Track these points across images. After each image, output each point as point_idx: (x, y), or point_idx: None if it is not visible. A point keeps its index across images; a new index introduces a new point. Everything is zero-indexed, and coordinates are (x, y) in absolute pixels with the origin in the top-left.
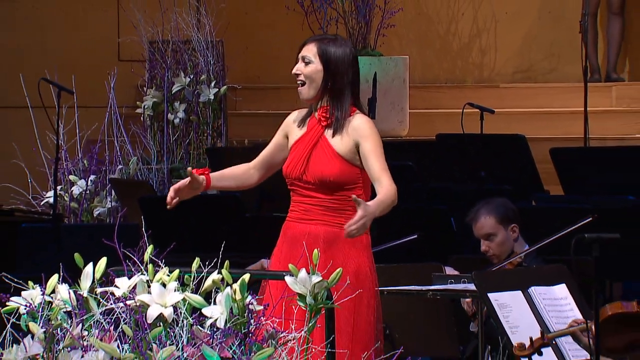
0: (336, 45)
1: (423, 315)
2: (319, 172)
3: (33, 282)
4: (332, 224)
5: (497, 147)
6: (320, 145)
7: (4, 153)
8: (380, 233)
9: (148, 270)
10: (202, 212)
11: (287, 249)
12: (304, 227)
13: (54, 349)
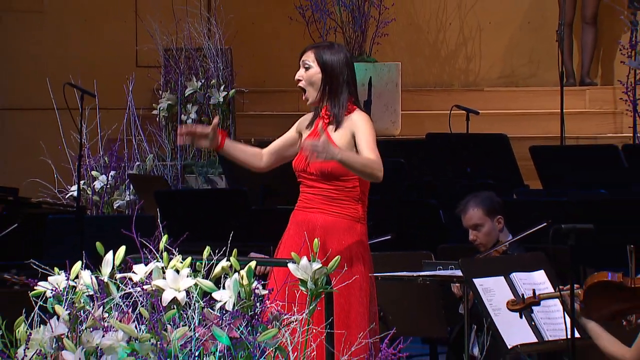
0: (331, 51)
1: (414, 299)
2: (319, 163)
3: (58, 268)
4: (330, 212)
5: (482, 146)
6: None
7: (33, 151)
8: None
9: (163, 258)
10: (212, 205)
11: (294, 234)
12: (306, 215)
13: (78, 329)
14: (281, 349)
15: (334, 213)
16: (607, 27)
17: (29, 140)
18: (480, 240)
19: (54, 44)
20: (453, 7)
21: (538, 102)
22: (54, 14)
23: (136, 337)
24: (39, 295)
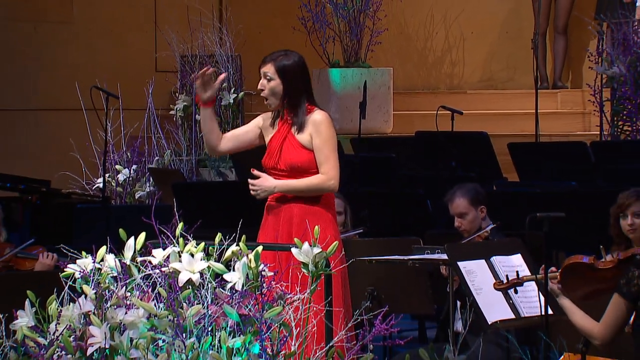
0: (288, 59)
1: (404, 280)
2: (289, 160)
3: (86, 252)
4: (304, 202)
5: (465, 142)
6: (288, 140)
7: (63, 147)
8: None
9: (179, 243)
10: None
11: (271, 224)
12: (282, 206)
13: (103, 307)
14: (285, 324)
15: (308, 202)
16: (577, 36)
17: (60, 137)
18: (465, 227)
19: (83, 51)
20: (439, 19)
21: (515, 104)
22: (82, 25)
23: (155, 314)
24: (69, 276)
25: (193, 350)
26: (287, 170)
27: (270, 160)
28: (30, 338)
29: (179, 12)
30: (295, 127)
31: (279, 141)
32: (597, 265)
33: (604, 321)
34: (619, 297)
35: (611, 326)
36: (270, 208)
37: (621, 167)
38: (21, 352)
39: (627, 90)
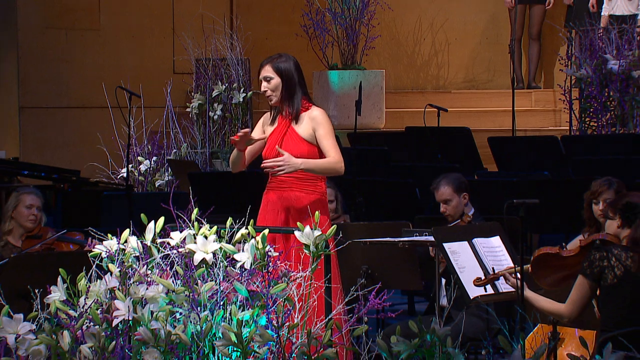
0: (283, 60)
1: (396, 259)
2: (289, 151)
3: (111, 234)
4: (300, 189)
5: (450, 137)
6: (289, 133)
7: (91, 141)
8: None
9: (194, 226)
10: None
11: (271, 209)
12: (280, 193)
13: (127, 283)
14: (289, 299)
15: (304, 190)
16: (549, 42)
17: (88, 132)
18: (449, 212)
19: (109, 55)
20: (426, 26)
21: (494, 102)
22: (108, 31)
23: (173, 289)
24: (96, 256)
25: (207, 322)
26: None
27: (271, 152)
28: (62, 311)
29: (194, 20)
30: (295, 121)
31: (279, 135)
32: (563, 254)
33: (571, 300)
34: (583, 278)
35: (577, 304)
36: (269, 196)
37: (588, 159)
38: (54, 323)
39: (593, 90)
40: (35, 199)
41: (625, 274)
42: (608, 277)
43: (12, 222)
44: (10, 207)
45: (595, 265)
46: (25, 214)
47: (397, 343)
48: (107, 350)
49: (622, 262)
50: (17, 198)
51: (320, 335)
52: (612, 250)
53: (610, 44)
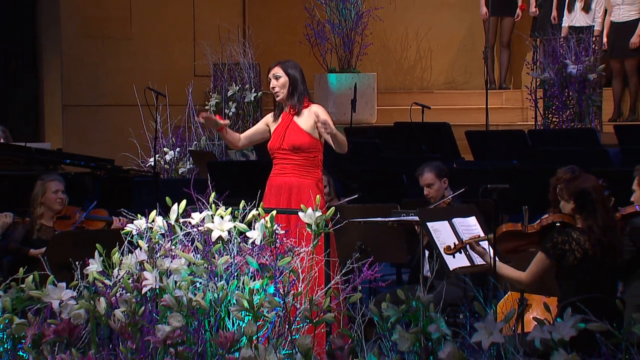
0: (290, 64)
1: (386, 236)
2: (290, 142)
3: (141, 215)
4: (300, 175)
5: (432, 131)
6: (291, 126)
7: (123, 134)
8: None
9: (212, 208)
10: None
11: (275, 193)
12: (282, 178)
13: (154, 257)
14: (294, 271)
15: (303, 176)
16: (517, 49)
17: (121, 126)
18: (432, 195)
19: (138, 61)
20: (412, 35)
21: (470, 101)
22: (138, 39)
23: (194, 262)
24: (128, 233)
25: (223, 291)
26: (289, 149)
27: (275, 143)
28: (99, 280)
29: (212, 30)
30: (297, 116)
31: (283, 128)
32: (525, 230)
33: (530, 271)
34: (544, 256)
35: (535, 276)
36: (272, 181)
37: (551, 150)
38: (92, 290)
39: (555, 90)
40: (59, 184)
41: (584, 256)
42: (569, 259)
43: (42, 207)
44: (39, 194)
45: (558, 248)
46: (53, 199)
47: (387, 309)
48: (137, 314)
49: (582, 246)
50: (43, 186)
51: (320, 302)
52: (572, 235)
53: (569, 51)
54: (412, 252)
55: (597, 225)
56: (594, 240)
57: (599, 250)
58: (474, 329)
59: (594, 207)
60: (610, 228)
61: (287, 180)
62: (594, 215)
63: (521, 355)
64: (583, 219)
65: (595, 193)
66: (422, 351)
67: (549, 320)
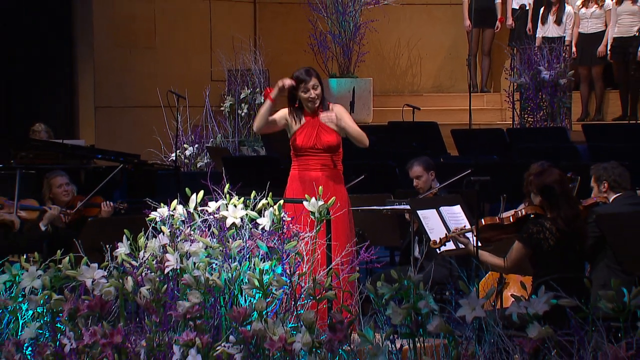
0: (318, 74)
1: (380, 222)
2: (326, 142)
3: (163, 203)
4: (326, 170)
5: (422, 129)
6: (322, 127)
7: (148, 132)
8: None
9: (226, 198)
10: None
11: (297, 187)
12: (309, 173)
13: (175, 241)
14: (299, 253)
15: (331, 170)
16: (497, 57)
17: (146, 125)
18: (420, 186)
19: (161, 67)
20: (404, 45)
21: (455, 103)
22: (162, 49)
23: (210, 246)
24: (152, 220)
25: (236, 271)
26: (324, 148)
27: (309, 142)
28: (127, 261)
29: (226, 40)
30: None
31: (314, 128)
32: (503, 222)
33: (509, 258)
34: (521, 245)
35: (514, 262)
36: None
37: (526, 146)
38: (121, 270)
39: (530, 93)
40: (63, 178)
41: (557, 243)
42: (544, 246)
43: (50, 202)
44: (46, 192)
45: (534, 238)
46: (59, 192)
47: (382, 287)
48: (160, 291)
49: (554, 234)
50: (48, 183)
51: (322, 281)
52: (545, 224)
53: (543, 58)
54: (404, 236)
55: (561, 217)
56: (564, 232)
57: (566, 237)
58: (458, 305)
59: (558, 201)
60: (574, 218)
61: (314, 175)
62: (557, 207)
63: (500, 327)
64: (549, 211)
65: (559, 187)
66: (412, 324)
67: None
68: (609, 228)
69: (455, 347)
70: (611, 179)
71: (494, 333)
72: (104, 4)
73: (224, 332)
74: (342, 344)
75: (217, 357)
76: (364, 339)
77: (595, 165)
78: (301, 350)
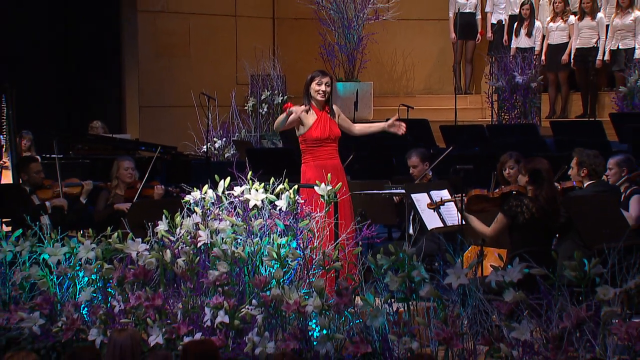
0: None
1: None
2: (336, 133)
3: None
4: (337, 158)
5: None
6: (331, 121)
7: (184, 127)
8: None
9: (249, 183)
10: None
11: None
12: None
13: (206, 219)
14: (311, 230)
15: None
16: (478, 64)
17: (182, 122)
18: (415, 174)
19: (195, 73)
20: (400, 54)
21: (443, 103)
22: (195, 57)
23: (236, 224)
24: (187, 202)
25: (257, 245)
26: (334, 138)
27: (324, 133)
28: (165, 237)
29: (250, 50)
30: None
31: (325, 122)
32: (489, 195)
33: (492, 227)
34: (502, 216)
35: (496, 231)
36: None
37: (503, 140)
38: (160, 244)
39: (506, 95)
40: (129, 163)
41: (530, 217)
42: (520, 219)
43: (117, 180)
44: (114, 171)
45: (512, 210)
46: (124, 174)
47: (381, 259)
48: (194, 262)
49: (530, 210)
50: (117, 164)
51: (331, 254)
52: (523, 201)
53: (516, 65)
54: (400, 216)
55: (542, 196)
56: (539, 206)
57: (542, 214)
58: (446, 274)
59: (543, 182)
60: (553, 198)
61: (335, 162)
62: (541, 188)
63: (481, 293)
64: (533, 190)
65: (545, 172)
66: (407, 290)
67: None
68: (574, 208)
69: (443, 309)
70: (591, 168)
71: (475, 297)
72: (146, 21)
73: (248, 296)
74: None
75: (242, 318)
76: (365, 302)
77: (579, 150)
78: (312, 312)
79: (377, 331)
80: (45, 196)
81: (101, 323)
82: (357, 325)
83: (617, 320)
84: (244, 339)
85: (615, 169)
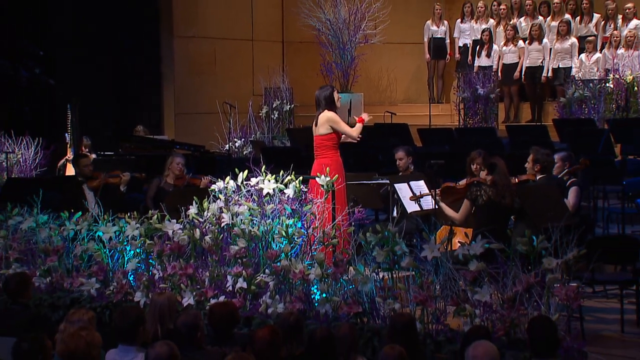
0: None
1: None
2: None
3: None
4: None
5: (397, 129)
6: None
7: (210, 130)
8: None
9: (263, 175)
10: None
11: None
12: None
13: (228, 204)
14: (313, 213)
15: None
16: (448, 79)
17: (209, 126)
18: (401, 166)
19: (220, 86)
20: (385, 70)
21: (420, 110)
22: (220, 73)
23: (252, 208)
24: (212, 190)
25: (269, 225)
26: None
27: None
28: (195, 218)
29: (263, 67)
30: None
31: None
32: (457, 187)
33: (460, 212)
34: (466, 201)
35: (463, 215)
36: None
37: (468, 140)
38: (191, 224)
39: (470, 104)
40: (180, 159)
41: (488, 200)
42: (479, 201)
43: (169, 171)
44: (168, 163)
45: (473, 194)
46: (175, 167)
47: (370, 236)
48: (218, 239)
49: (487, 193)
50: (171, 159)
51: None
52: (482, 187)
53: (479, 80)
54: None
55: (498, 183)
56: (495, 191)
57: (497, 197)
58: (422, 249)
59: (498, 172)
60: (506, 186)
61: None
62: (497, 176)
63: (450, 263)
64: (491, 179)
65: (500, 166)
66: (390, 262)
67: (467, 242)
68: (526, 196)
69: (420, 277)
70: (544, 165)
71: (446, 267)
72: (181, 45)
73: (262, 267)
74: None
75: (257, 284)
76: (357, 271)
77: (536, 148)
78: (314, 279)
79: (366, 295)
80: (93, 185)
81: (144, 287)
82: (350, 290)
83: (558, 284)
84: (259, 301)
85: (560, 163)
